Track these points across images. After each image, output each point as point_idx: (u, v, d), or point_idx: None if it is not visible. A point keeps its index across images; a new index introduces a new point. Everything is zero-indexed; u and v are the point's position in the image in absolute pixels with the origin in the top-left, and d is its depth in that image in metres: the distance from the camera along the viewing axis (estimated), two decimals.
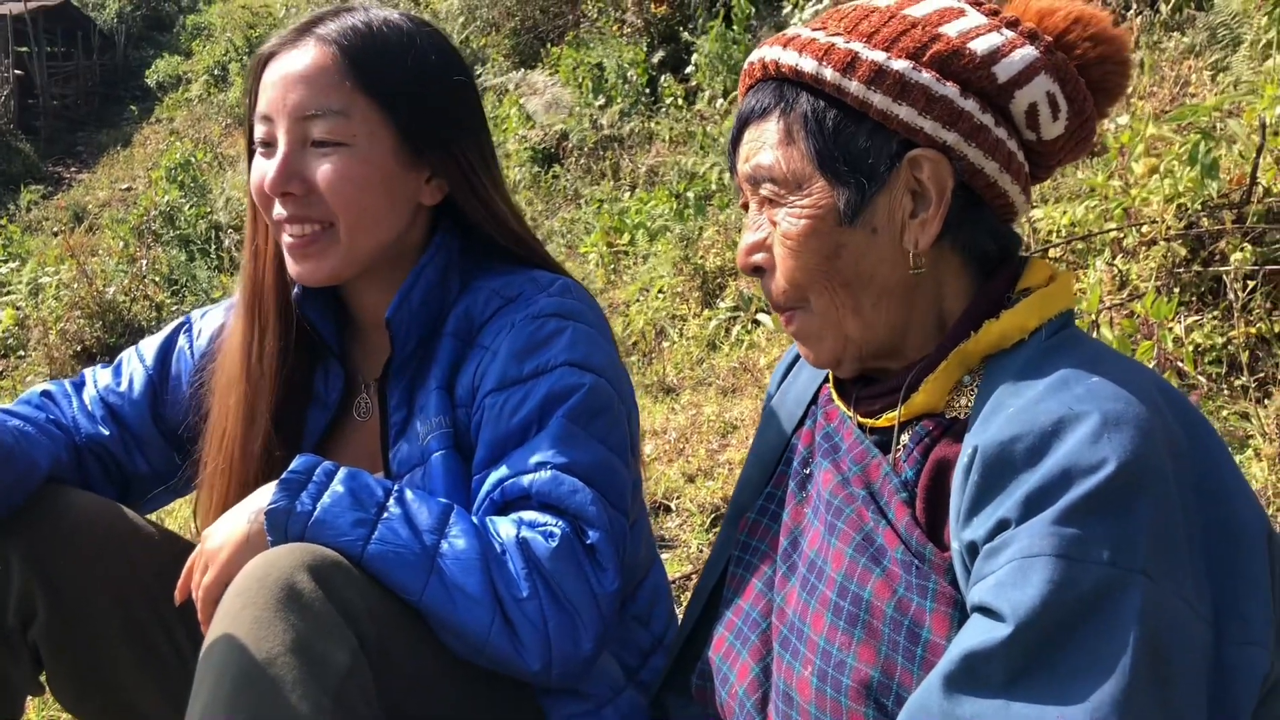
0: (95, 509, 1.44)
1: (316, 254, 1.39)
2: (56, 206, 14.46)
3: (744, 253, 1.16)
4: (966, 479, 0.96)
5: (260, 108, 1.39)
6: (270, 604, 1.10)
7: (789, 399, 1.32)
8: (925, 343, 1.12)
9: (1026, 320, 1.06)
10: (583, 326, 1.39)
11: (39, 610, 1.38)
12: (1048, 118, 1.08)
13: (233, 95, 15.58)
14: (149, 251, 9.52)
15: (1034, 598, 0.86)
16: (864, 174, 1.07)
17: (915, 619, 1.00)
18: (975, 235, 1.10)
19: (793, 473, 1.23)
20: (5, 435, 1.37)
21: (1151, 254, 2.91)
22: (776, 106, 1.11)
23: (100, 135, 19.46)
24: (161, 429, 1.57)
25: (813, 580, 1.11)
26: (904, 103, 1.05)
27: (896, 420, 1.10)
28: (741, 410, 3.53)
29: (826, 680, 1.04)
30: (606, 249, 5.63)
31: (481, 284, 1.44)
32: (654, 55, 7.61)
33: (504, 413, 1.33)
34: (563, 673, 1.24)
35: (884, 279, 1.09)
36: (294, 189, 1.36)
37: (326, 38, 1.38)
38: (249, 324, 1.46)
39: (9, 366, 8.22)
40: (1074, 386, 0.95)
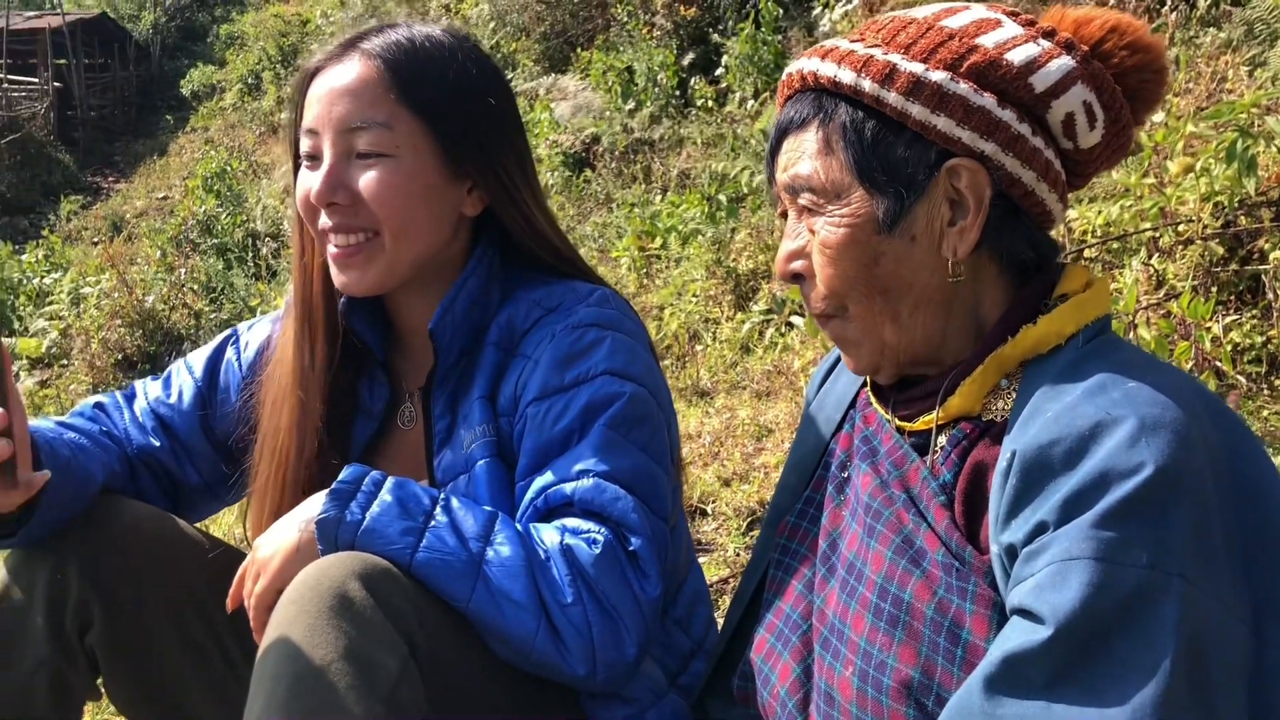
0: (148, 518, 1.48)
1: (361, 263, 1.42)
2: (95, 216, 14.67)
3: (783, 260, 1.18)
4: (1005, 482, 0.97)
5: (306, 121, 1.43)
6: (323, 612, 1.13)
7: (828, 403, 1.34)
8: (962, 348, 1.13)
9: (1063, 326, 1.07)
10: (621, 336, 1.41)
11: (96, 617, 1.41)
12: (1084, 127, 1.09)
13: (266, 103, 15.75)
14: (187, 260, 9.65)
15: (1073, 600, 0.87)
16: (902, 183, 1.08)
17: (955, 620, 1.01)
18: (1013, 243, 1.11)
19: (831, 476, 1.24)
20: (62, 448, 1.41)
21: (1188, 253, 2.90)
22: (815, 117, 1.12)
23: (137, 145, 19.75)
24: (211, 440, 1.60)
25: (852, 582, 1.12)
26: (942, 113, 1.06)
27: (935, 423, 1.11)
28: (776, 413, 3.53)
29: (868, 680, 1.05)
30: (639, 253, 5.65)
31: (522, 294, 1.47)
32: (684, 58, 7.63)
33: (546, 421, 1.36)
34: (608, 677, 1.26)
35: (922, 286, 1.11)
36: (340, 199, 1.39)
37: (371, 52, 1.42)
38: (300, 336, 1.49)
39: (53, 375, 8.36)
40: (1111, 391, 0.96)
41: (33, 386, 8.10)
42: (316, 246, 1.47)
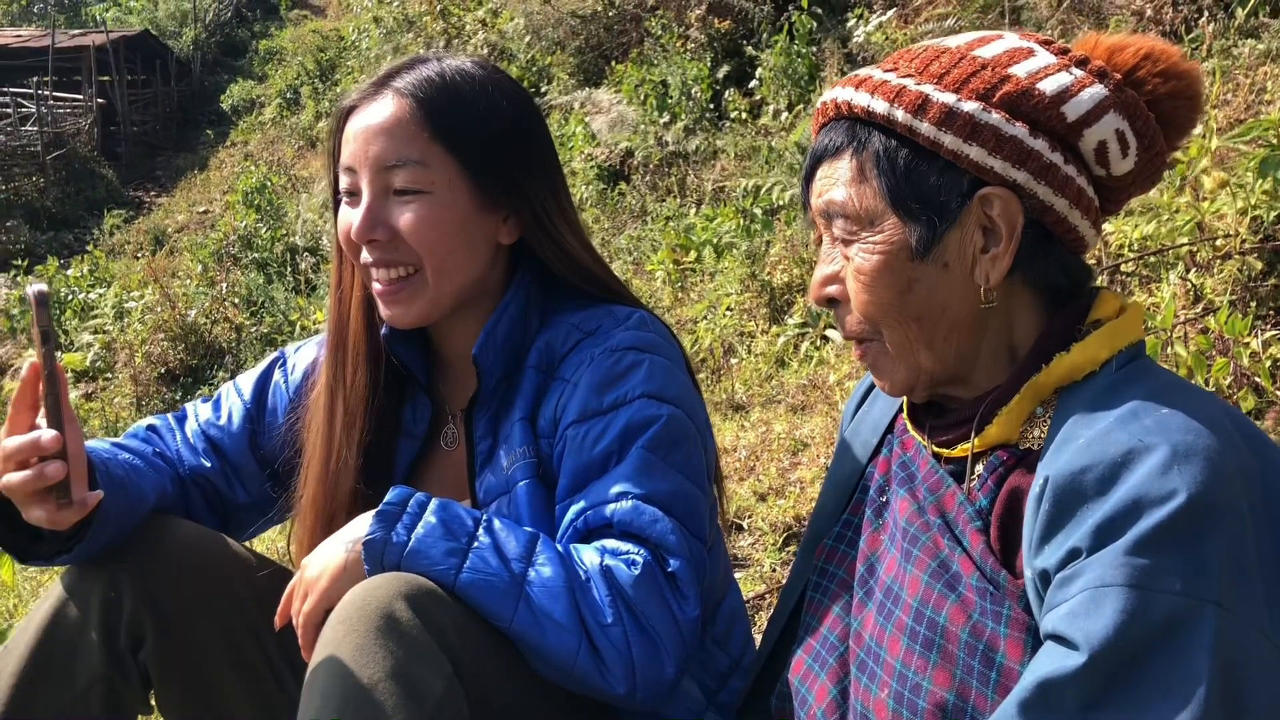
0: (199, 537, 1.52)
1: (406, 298, 1.46)
2: (138, 231, 14.89)
3: (817, 285, 1.20)
4: (1039, 508, 0.98)
5: (343, 160, 1.47)
6: (370, 632, 1.16)
7: (864, 428, 1.36)
8: (995, 372, 1.15)
9: (1097, 353, 1.08)
10: (659, 359, 1.44)
11: (148, 634, 1.46)
12: (1117, 154, 1.11)
13: (305, 118, 15.92)
14: (228, 274, 9.78)
15: (1107, 627, 0.89)
16: (935, 211, 1.10)
17: (990, 644, 1.03)
18: (1045, 269, 1.13)
19: (869, 500, 1.26)
20: (116, 468, 1.46)
21: (1226, 268, 2.88)
22: (849, 145, 1.15)
23: (178, 160, 20.00)
24: (259, 460, 1.65)
25: (889, 605, 1.14)
26: (974, 143, 1.08)
27: (971, 451, 1.13)
28: (812, 428, 3.54)
29: (903, 703, 1.07)
30: (673, 266, 5.67)
31: (561, 318, 1.50)
32: (718, 70, 7.65)
33: (585, 443, 1.38)
34: (647, 696, 1.28)
35: (955, 312, 1.12)
36: (379, 235, 1.43)
37: (403, 91, 1.45)
38: (335, 365, 1.53)
39: (97, 389, 8.49)
40: (1143, 418, 0.97)
41: (78, 399, 8.24)
42: (355, 277, 1.52)
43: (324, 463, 1.52)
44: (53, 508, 1.32)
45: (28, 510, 1.34)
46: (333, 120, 1.51)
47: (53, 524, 1.34)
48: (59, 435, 1.30)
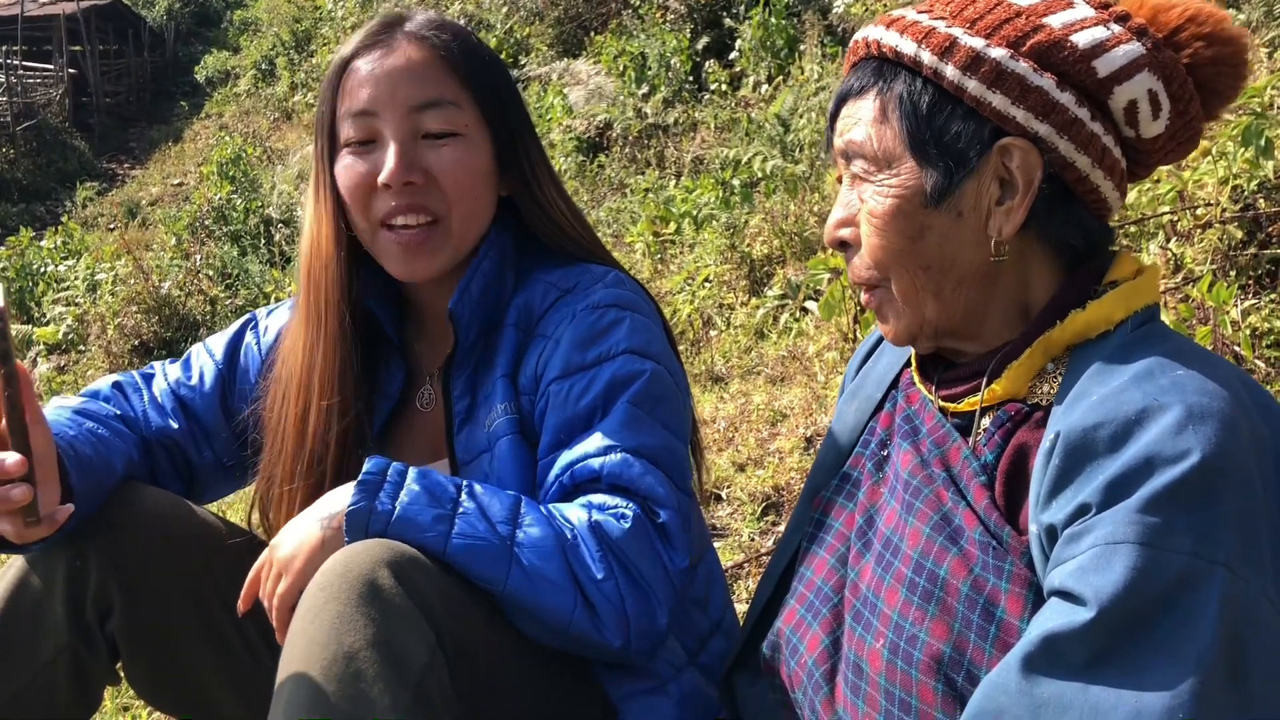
0: (166, 505, 1.49)
1: (430, 249, 1.43)
2: (111, 203, 14.73)
3: (832, 227, 1.19)
4: (1048, 463, 0.97)
5: (357, 105, 1.42)
6: (352, 599, 1.13)
7: (869, 382, 1.34)
8: (1005, 328, 1.13)
9: (1113, 312, 1.07)
10: (640, 316, 1.43)
11: (116, 604, 1.42)
12: (1147, 116, 1.07)
13: (280, 89, 15.77)
14: (202, 247, 9.69)
15: (1116, 584, 0.88)
16: (953, 158, 1.08)
17: (990, 598, 1.02)
18: (1062, 228, 1.10)
19: (870, 454, 1.25)
20: (84, 446, 1.41)
21: (1207, 237, 2.88)
22: (874, 85, 1.13)
23: (152, 131, 19.82)
24: (230, 421, 1.61)
25: (888, 557, 1.13)
26: (998, 90, 1.05)
27: (979, 405, 1.11)
28: (791, 399, 3.53)
29: (898, 653, 1.06)
30: (653, 238, 5.64)
31: (537, 276, 1.48)
32: (697, 42, 7.60)
33: (569, 399, 1.37)
34: (640, 648, 1.28)
35: (966, 264, 1.10)
36: (415, 179, 1.40)
37: (418, 35, 1.43)
38: (311, 322, 1.48)
39: (70, 361, 8.41)
40: (1159, 377, 0.96)
41: (50, 372, 8.16)
42: (333, 232, 1.46)
43: (299, 422, 1.48)
44: (20, 526, 1.27)
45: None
46: (331, 70, 1.46)
47: (20, 540, 1.30)
48: (23, 459, 1.25)
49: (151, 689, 1.52)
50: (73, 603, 1.41)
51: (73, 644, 1.42)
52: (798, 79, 6.46)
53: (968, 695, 1.01)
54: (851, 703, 1.12)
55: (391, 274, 1.46)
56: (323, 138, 1.47)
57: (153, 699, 1.56)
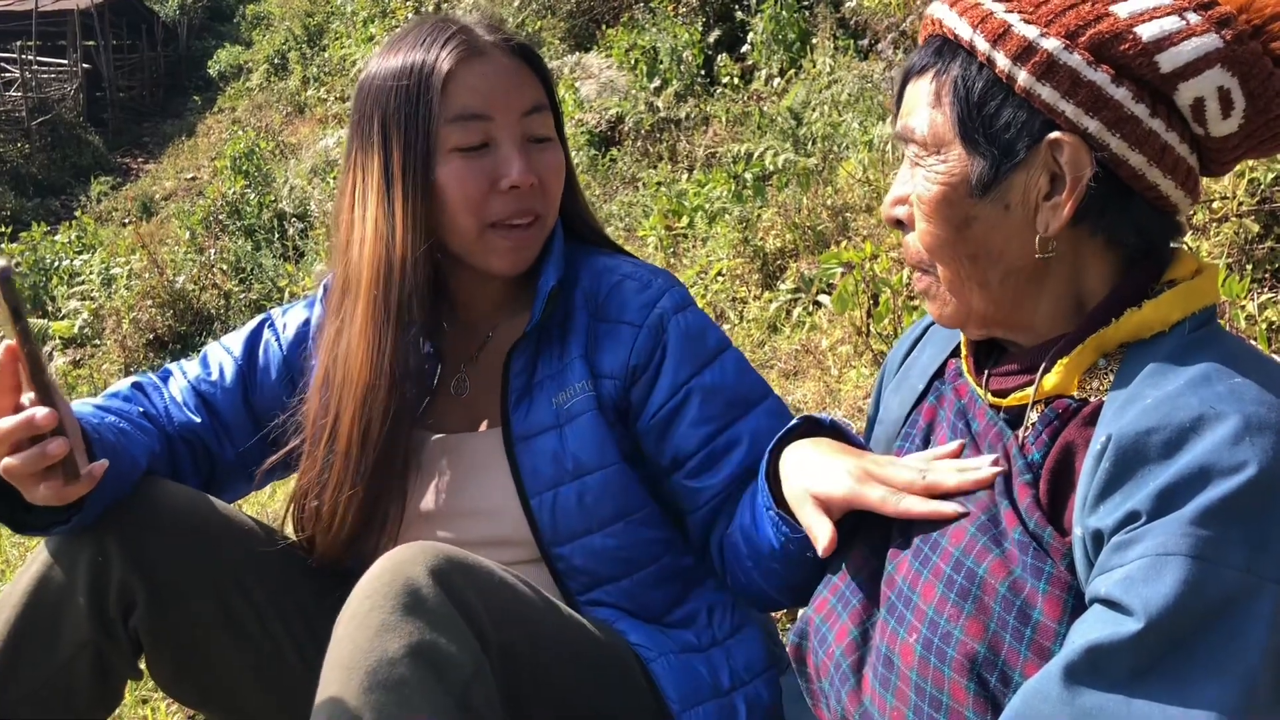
0: (189, 500, 1.50)
1: (532, 244, 1.49)
2: (125, 197, 14.78)
3: (889, 204, 1.17)
4: (1097, 466, 0.96)
5: (472, 109, 1.42)
6: (396, 608, 1.15)
7: (913, 373, 1.32)
8: (1059, 322, 1.10)
9: (1170, 313, 1.04)
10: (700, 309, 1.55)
11: (139, 599, 1.43)
12: (1216, 114, 1.02)
13: (292, 83, 15.77)
14: (216, 241, 9.71)
15: (1166, 597, 0.87)
16: (1001, 148, 1.05)
17: (1028, 600, 1.00)
18: (1117, 224, 1.06)
19: (913, 447, 1.23)
20: (107, 433, 1.42)
21: (1223, 230, 2.87)
22: (934, 67, 1.10)
23: (165, 126, 19.86)
24: (251, 417, 1.62)
25: (926, 551, 1.11)
26: (1048, 83, 1.02)
27: (1030, 400, 1.09)
28: (805, 392, 3.53)
29: (931, 649, 1.05)
30: (665, 232, 5.64)
31: (584, 263, 1.55)
32: (709, 35, 7.58)
33: (716, 387, 1.47)
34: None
35: (1013, 257, 1.08)
36: (535, 180, 1.45)
37: (502, 45, 1.48)
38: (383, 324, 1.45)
39: (85, 355, 8.45)
40: (1216, 384, 0.94)
41: (65, 366, 8.20)
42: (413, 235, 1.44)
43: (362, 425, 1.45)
44: (59, 485, 1.28)
45: (30, 491, 1.30)
46: (423, 78, 1.43)
47: (60, 500, 1.30)
48: (53, 412, 1.26)
49: (175, 683, 1.53)
50: (95, 598, 1.42)
51: (95, 639, 1.43)
52: (810, 72, 6.44)
53: (1000, 696, 1.00)
54: (880, 695, 1.11)
55: (490, 269, 1.49)
56: (408, 145, 1.43)
57: (176, 693, 1.57)
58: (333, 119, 13.23)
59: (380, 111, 1.46)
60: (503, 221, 1.44)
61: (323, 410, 1.50)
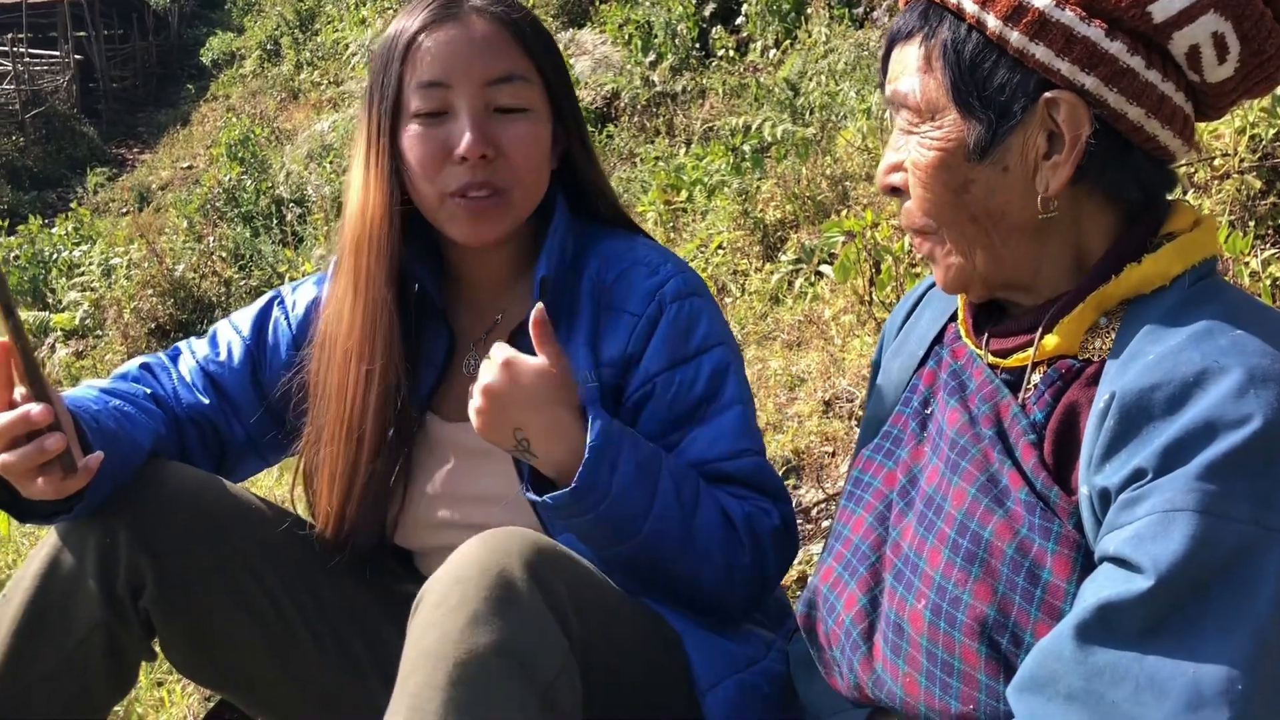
0: (195, 481, 1.50)
1: (495, 217, 1.44)
2: (122, 188, 14.75)
3: (883, 172, 1.15)
4: (1101, 424, 0.95)
5: (430, 75, 1.41)
6: (488, 600, 1.13)
7: (911, 339, 1.31)
8: (1060, 280, 1.09)
9: (1170, 266, 1.03)
10: (708, 299, 1.51)
11: (148, 580, 1.43)
12: (1211, 60, 1.01)
13: (285, 68, 15.71)
14: (214, 229, 9.69)
15: (1176, 552, 0.86)
16: (996, 111, 1.03)
17: (1036, 560, 1.00)
18: (1117, 179, 1.05)
19: (912, 412, 1.23)
20: (108, 420, 1.42)
21: (1225, 187, 2.85)
22: (920, 31, 1.08)
23: (159, 115, 19.80)
24: (260, 396, 1.61)
25: (930, 516, 1.11)
26: (1041, 42, 1.00)
27: (1030, 360, 1.09)
28: (808, 363, 3.53)
29: (940, 615, 1.05)
30: (664, 207, 5.62)
31: (596, 247, 1.52)
32: (703, 8, 7.54)
33: (680, 392, 1.44)
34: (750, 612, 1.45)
35: (1014, 217, 1.07)
36: (488, 152, 1.41)
37: (487, 10, 1.45)
38: (357, 290, 1.47)
39: (88, 346, 8.45)
40: (1218, 338, 0.94)
41: (68, 358, 8.20)
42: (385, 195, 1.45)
43: (340, 385, 1.48)
44: (57, 480, 1.29)
45: (27, 486, 1.30)
46: (392, 44, 1.45)
47: (58, 494, 1.31)
48: (49, 407, 1.26)
49: (188, 663, 1.54)
50: (105, 580, 1.42)
51: (106, 620, 1.43)
52: (805, 42, 6.41)
53: (1012, 658, 1.00)
54: (891, 662, 1.11)
55: (455, 239, 1.47)
56: (380, 108, 1.45)
57: (190, 673, 1.57)
58: (327, 103, 13.17)
59: (370, 77, 1.49)
60: (459, 192, 1.42)
61: (315, 372, 1.53)
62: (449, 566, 1.19)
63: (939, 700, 1.05)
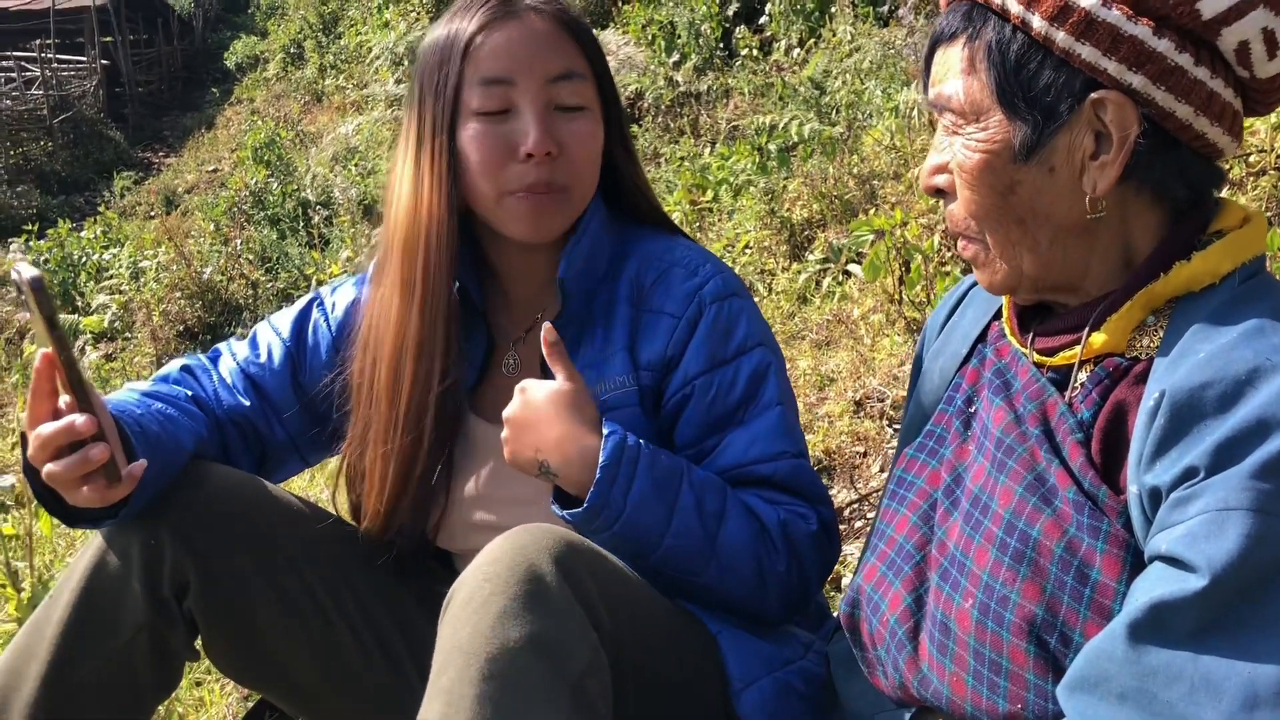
0: (237, 482, 1.51)
1: (556, 213, 1.45)
2: (148, 191, 14.85)
3: (927, 173, 1.15)
4: (1151, 422, 0.94)
5: (494, 73, 1.41)
6: (518, 595, 1.14)
7: (955, 338, 1.31)
8: (1108, 279, 1.09)
9: (1219, 264, 1.02)
10: (748, 300, 1.50)
11: (191, 581, 1.45)
12: (1262, 56, 1.00)
13: (309, 71, 15.80)
14: (241, 231, 9.75)
15: (1231, 552, 0.85)
16: (1042, 112, 1.03)
17: (1085, 560, 1.00)
18: (1166, 178, 1.04)
19: (956, 411, 1.22)
20: (150, 424, 1.43)
21: (1261, 184, 2.83)
22: (964, 32, 1.08)
23: (185, 119, 19.94)
24: (300, 397, 1.62)
25: (977, 515, 1.10)
26: (1087, 41, 0.99)
27: (1077, 358, 1.08)
28: (838, 362, 3.52)
29: (988, 614, 1.04)
30: (690, 207, 5.62)
31: (637, 248, 1.52)
32: (727, 7, 7.53)
33: (718, 394, 1.44)
34: (786, 617, 1.44)
35: (1061, 218, 1.06)
36: (553, 149, 1.41)
37: (541, 10, 1.45)
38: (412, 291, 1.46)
39: (117, 349, 8.52)
40: (1270, 336, 0.93)
41: (98, 361, 8.27)
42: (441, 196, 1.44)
43: (393, 385, 1.48)
44: (102, 488, 1.30)
45: (73, 495, 1.32)
46: (449, 44, 1.44)
47: (103, 502, 1.32)
48: (92, 418, 1.28)
49: (231, 663, 1.55)
50: (149, 581, 1.43)
51: (152, 621, 1.44)
52: (829, 41, 6.39)
53: (1061, 658, 0.99)
54: (938, 662, 1.10)
55: (513, 235, 1.47)
56: (437, 107, 1.44)
57: (233, 673, 1.58)
58: (351, 106, 13.24)
59: (420, 77, 1.48)
60: (521, 190, 1.43)
61: (358, 372, 1.53)
62: (478, 564, 1.20)
63: (986, 700, 1.05)
